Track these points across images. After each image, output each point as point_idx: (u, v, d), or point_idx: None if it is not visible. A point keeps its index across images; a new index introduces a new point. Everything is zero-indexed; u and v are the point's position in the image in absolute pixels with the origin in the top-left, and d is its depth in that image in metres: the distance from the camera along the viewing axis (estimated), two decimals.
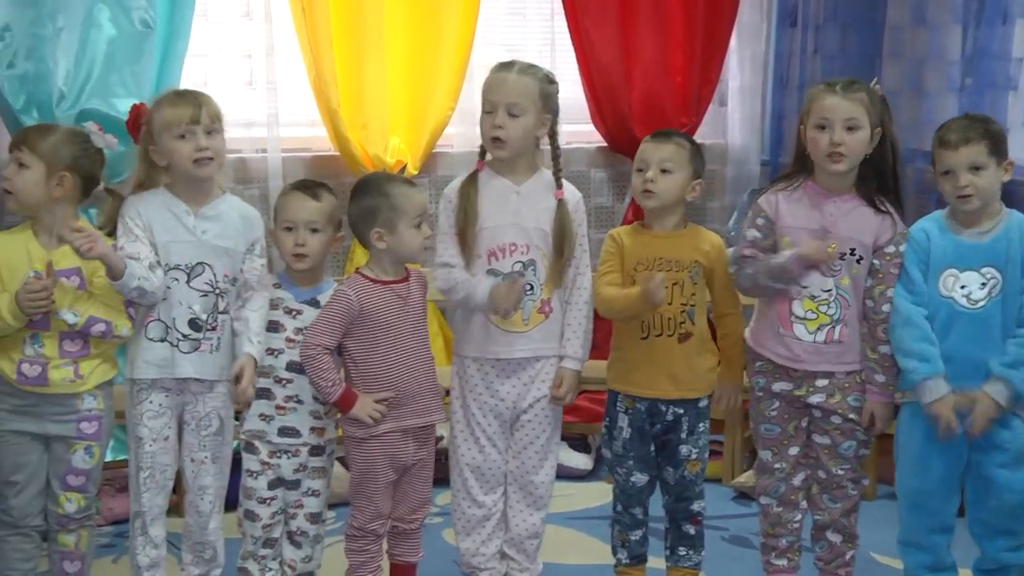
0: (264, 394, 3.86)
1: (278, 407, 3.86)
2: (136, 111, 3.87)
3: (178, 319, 3.76)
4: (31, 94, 4.75)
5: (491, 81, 3.91)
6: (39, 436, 3.74)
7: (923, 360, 3.75)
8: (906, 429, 3.89)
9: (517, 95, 3.86)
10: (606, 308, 3.98)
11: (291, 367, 3.86)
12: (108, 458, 4.83)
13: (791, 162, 4.02)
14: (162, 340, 3.76)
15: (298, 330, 3.87)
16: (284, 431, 3.87)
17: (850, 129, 3.80)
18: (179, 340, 3.75)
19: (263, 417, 3.86)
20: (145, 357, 3.76)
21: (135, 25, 4.89)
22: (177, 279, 3.76)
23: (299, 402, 3.87)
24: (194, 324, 3.76)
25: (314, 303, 3.89)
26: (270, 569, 3.94)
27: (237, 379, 3.79)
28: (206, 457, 3.84)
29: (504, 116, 3.85)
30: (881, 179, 3.89)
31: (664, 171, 3.93)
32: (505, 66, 3.93)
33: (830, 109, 3.80)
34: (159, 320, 3.76)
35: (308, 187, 3.93)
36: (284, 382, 3.86)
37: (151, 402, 3.78)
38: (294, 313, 3.89)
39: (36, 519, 3.80)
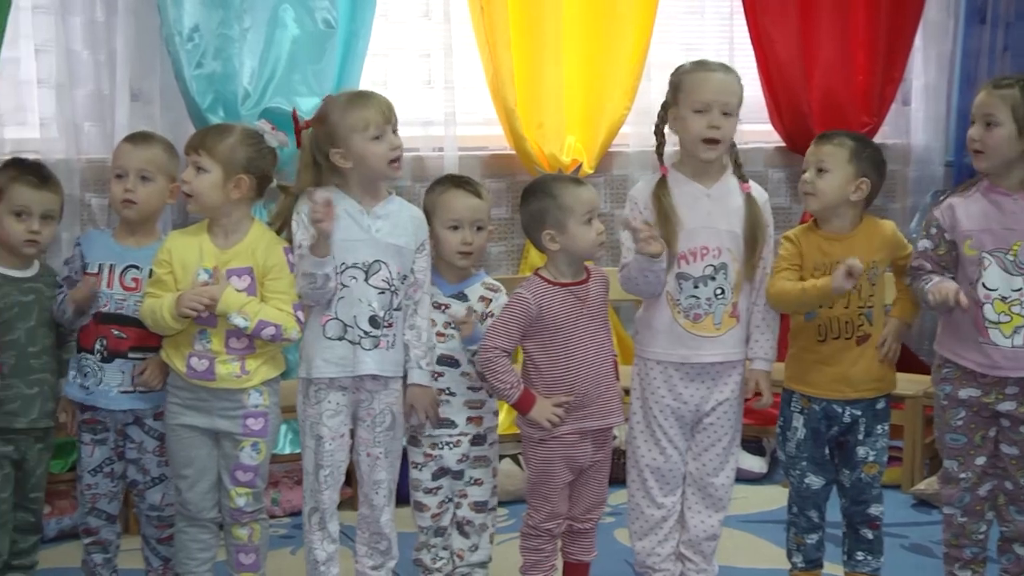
0: None
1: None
2: (296, 117, 3.92)
3: (359, 317, 3.79)
4: (218, 93, 4.85)
5: (700, 80, 3.83)
6: (209, 431, 3.80)
7: None
8: None
9: (731, 93, 3.83)
10: (778, 301, 3.91)
11: (442, 360, 3.89)
12: (286, 451, 4.96)
13: None
14: (341, 338, 3.80)
15: (447, 324, 3.90)
16: (440, 423, 3.90)
17: (988, 125, 3.70)
18: (360, 337, 3.79)
19: None
20: (324, 356, 3.80)
21: (318, 25, 4.97)
22: (355, 277, 3.79)
23: (451, 394, 3.90)
24: (374, 321, 3.80)
25: (461, 296, 3.92)
26: (441, 558, 3.99)
27: (412, 408, 3.86)
28: (380, 452, 3.88)
29: (719, 115, 3.80)
30: None
31: (821, 171, 3.88)
32: (706, 65, 3.89)
33: (976, 105, 3.75)
34: (337, 319, 3.80)
35: (468, 184, 3.96)
36: (436, 375, 3.89)
37: (329, 401, 3.82)
38: (443, 307, 3.91)
39: (211, 512, 3.87)
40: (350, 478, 4.04)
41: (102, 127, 4.84)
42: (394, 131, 3.79)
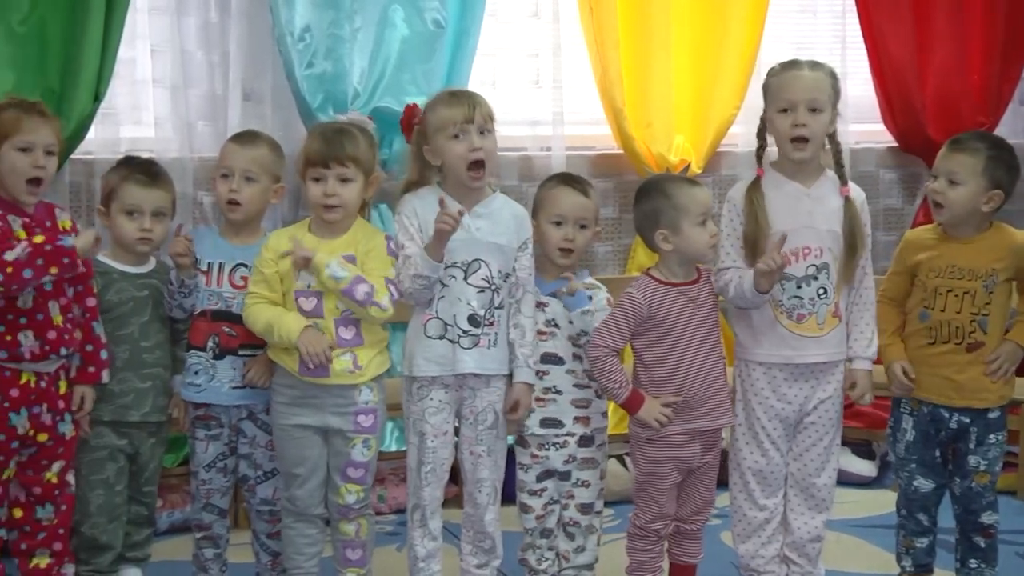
0: None
1: (538, 399, 3.89)
2: (409, 111, 3.94)
3: (458, 316, 3.80)
4: (328, 93, 4.89)
5: (786, 79, 3.82)
6: (319, 429, 3.82)
7: None
8: None
9: (817, 91, 3.79)
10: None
11: (546, 359, 3.89)
12: (392, 448, 4.99)
13: None
14: (441, 337, 3.81)
15: (547, 322, 3.89)
16: (546, 422, 3.90)
17: None
18: (459, 336, 3.80)
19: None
20: (425, 355, 3.82)
21: (427, 25, 4.99)
22: (455, 276, 3.80)
23: (558, 392, 3.90)
24: (473, 320, 3.80)
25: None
26: (546, 559, 3.98)
27: (513, 408, 3.85)
28: (483, 451, 3.88)
29: (805, 114, 3.77)
30: None
31: (952, 182, 3.83)
32: (794, 64, 3.86)
33: None
34: (437, 318, 3.81)
35: (576, 182, 3.95)
36: (541, 374, 3.89)
37: (432, 399, 3.83)
38: (541, 306, 3.91)
39: (318, 508, 3.89)
40: (457, 476, 4.05)
41: (215, 126, 4.91)
42: (481, 132, 3.77)
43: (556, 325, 3.89)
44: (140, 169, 3.96)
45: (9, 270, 3.48)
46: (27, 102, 3.73)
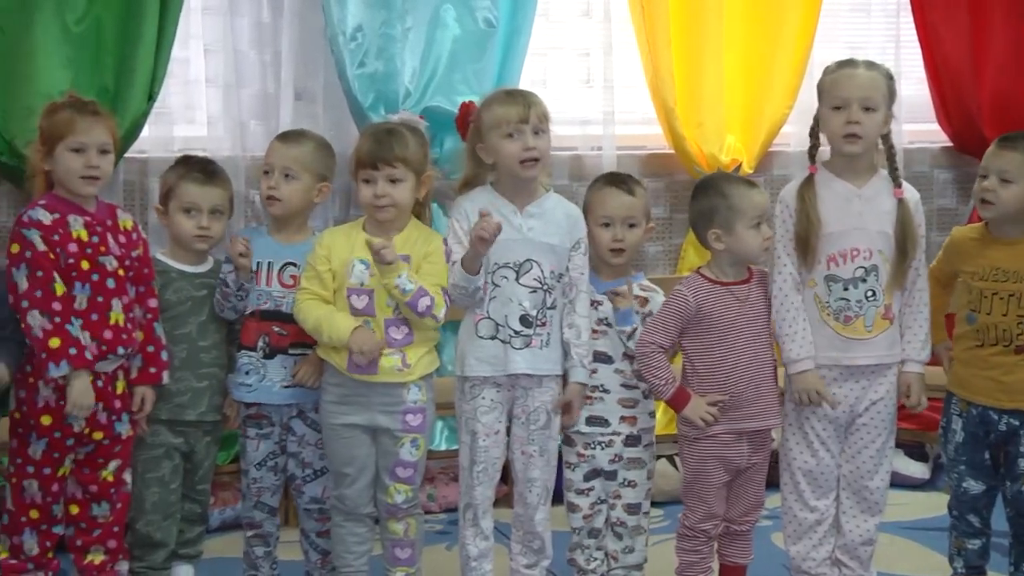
0: None
1: (586, 397, 3.89)
2: (465, 109, 3.94)
3: (510, 316, 3.80)
4: (379, 92, 4.90)
5: (839, 78, 3.80)
6: (368, 428, 3.83)
7: None
8: None
9: (872, 89, 3.77)
10: None
11: (595, 357, 3.88)
12: (442, 448, 5.00)
13: None
14: (493, 337, 3.81)
15: (600, 320, 3.89)
16: (592, 420, 3.90)
17: None
18: (511, 337, 3.80)
19: None
20: (477, 355, 3.82)
21: (479, 24, 5.00)
22: (507, 277, 3.80)
23: (605, 391, 3.89)
24: (525, 320, 3.80)
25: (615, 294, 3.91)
26: (595, 559, 3.98)
27: (567, 410, 3.85)
28: (535, 450, 3.88)
29: (859, 112, 3.75)
30: None
31: (1004, 180, 3.80)
32: (850, 63, 3.84)
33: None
34: (489, 318, 3.81)
35: (623, 181, 3.95)
36: (591, 372, 3.88)
37: (484, 398, 3.83)
38: (595, 304, 3.90)
39: (368, 507, 3.90)
40: (507, 476, 4.05)
41: (267, 125, 4.92)
42: (535, 132, 3.77)
43: (608, 324, 3.89)
44: (197, 168, 3.99)
45: None
46: (81, 101, 3.76)
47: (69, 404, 3.58)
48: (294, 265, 3.90)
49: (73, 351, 3.56)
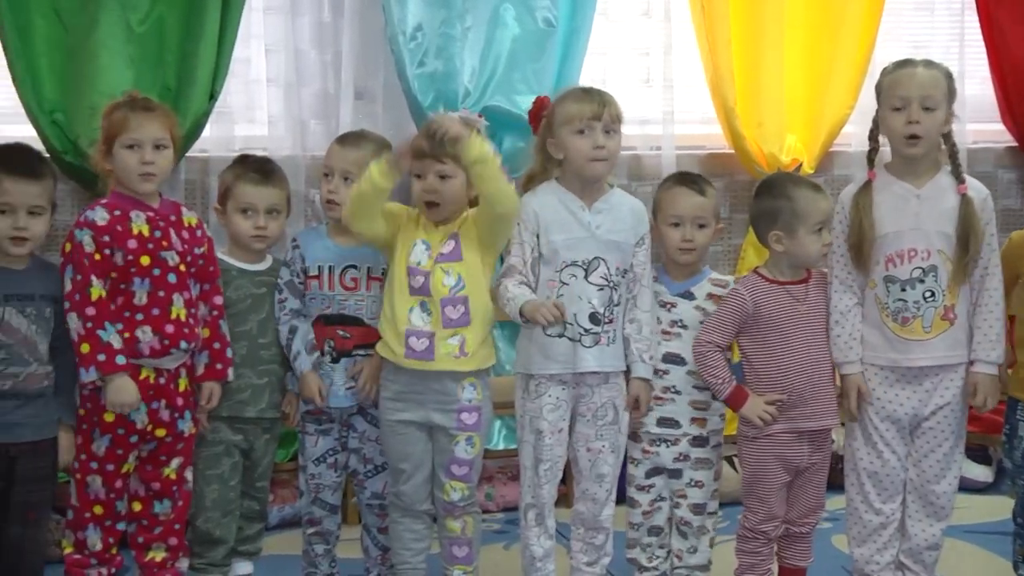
0: None
1: (656, 397, 3.88)
2: (539, 103, 3.94)
3: (579, 314, 3.79)
4: (439, 92, 4.91)
5: (899, 77, 3.77)
6: (423, 425, 3.83)
7: None
8: None
9: (932, 88, 3.74)
10: None
11: (667, 358, 3.87)
12: (500, 447, 5.00)
13: None
14: (561, 335, 3.81)
15: (673, 322, 3.87)
16: (663, 421, 3.89)
17: None
18: (581, 335, 3.80)
19: None
20: (544, 353, 3.81)
21: (538, 24, 4.99)
22: (575, 275, 3.80)
23: (677, 392, 3.88)
24: (594, 318, 3.80)
25: (688, 295, 3.90)
26: (657, 557, 3.97)
27: (635, 406, 3.85)
28: (604, 446, 3.87)
29: (919, 111, 3.71)
30: None
31: None
32: (908, 62, 3.81)
33: None
34: None
35: (693, 182, 3.93)
36: (661, 373, 3.88)
37: (549, 396, 3.83)
38: (668, 306, 3.89)
39: (425, 504, 3.90)
40: (565, 475, 4.04)
41: (327, 125, 4.95)
42: (606, 131, 3.77)
43: (683, 326, 3.88)
44: (254, 167, 4.01)
45: None
46: (135, 99, 3.79)
47: (108, 405, 3.63)
48: (355, 268, 3.92)
49: (102, 357, 3.59)
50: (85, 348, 3.59)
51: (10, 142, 3.78)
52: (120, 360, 3.61)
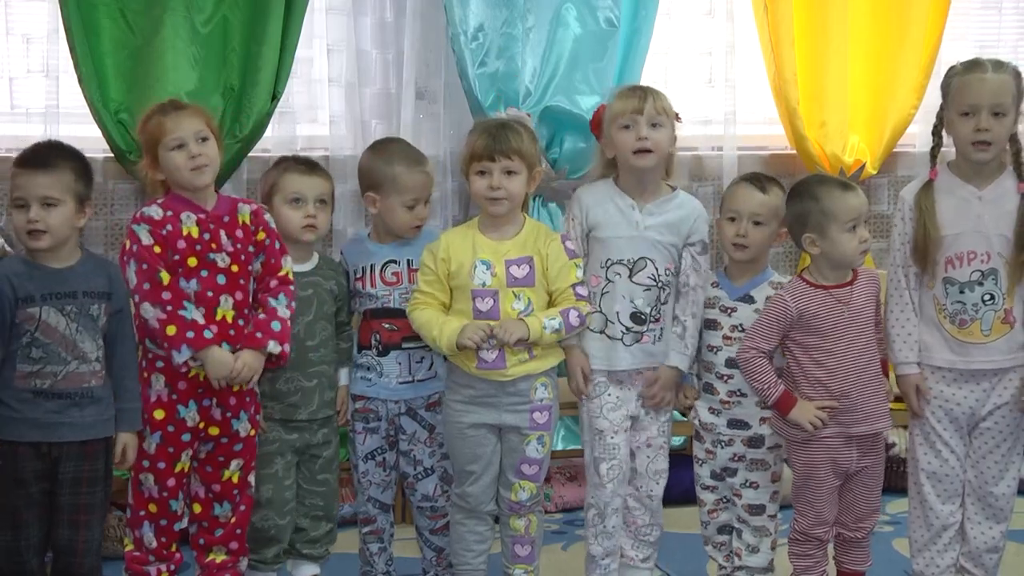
0: (708, 389, 3.91)
1: (723, 401, 3.88)
2: (600, 111, 3.95)
3: (621, 313, 3.81)
4: (500, 91, 4.91)
5: (969, 81, 3.71)
6: (494, 427, 3.83)
7: None
8: None
9: (1002, 94, 3.69)
10: None
11: (729, 363, 3.86)
12: (558, 447, 5.00)
13: None
14: (600, 332, 3.82)
15: (734, 327, 3.86)
16: (733, 423, 3.89)
17: None
18: (622, 334, 3.81)
19: (712, 411, 3.90)
20: (585, 347, 3.84)
21: (600, 24, 4.98)
22: (619, 274, 3.81)
23: (743, 395, 3.87)
24: (636, 317, 3.80)
25: (748, 299, 3.87)
26: (723, 554, 4.00)
27: (655, 384, 3.87)
28: (663, 443, 3.91)
29: (988, 118, 3.67)
30: None
31: None
32: (977, 65, 3.75)
33: None
34: (600, 312, 3.83)
35: (758, 180, 3.91)
36: (725, 378, 3.87)
37: (609, 394, 3.85)
38: (729, 311, 3.88)
39: (489, 504, 3.91)
40: None
41: (388, 125, 4.97)
42: (652, 124, 3.76)
43: (743, 331, 3.86)
44: (299, 160, 4.04)
45: None
46: (161, 104, 3.80)
47: (211, 379, 3.65)
48: (395, 262, 3.93)
49: (191, 334, 3.59)
50: (171, 330, 3.58)
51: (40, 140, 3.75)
52: (208, 334, 3.62)
